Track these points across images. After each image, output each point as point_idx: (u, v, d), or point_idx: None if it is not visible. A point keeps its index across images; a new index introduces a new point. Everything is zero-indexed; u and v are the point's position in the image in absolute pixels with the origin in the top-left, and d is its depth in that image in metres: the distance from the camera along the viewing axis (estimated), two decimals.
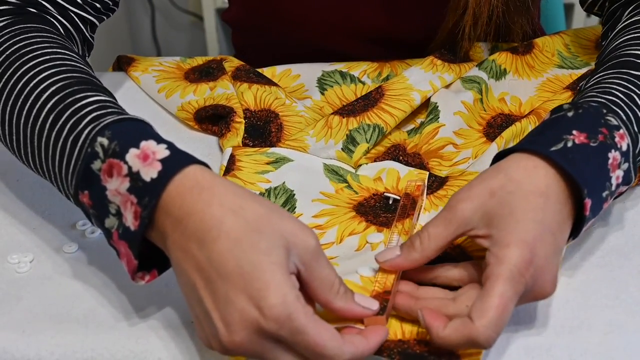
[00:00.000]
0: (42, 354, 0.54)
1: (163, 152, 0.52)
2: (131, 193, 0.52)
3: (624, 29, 0.72)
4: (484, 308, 0.49)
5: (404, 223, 0.62)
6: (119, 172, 0.52)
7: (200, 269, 0.49)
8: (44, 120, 0.58)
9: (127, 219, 0.52)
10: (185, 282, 0.51)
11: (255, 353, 0.49)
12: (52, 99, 0.59)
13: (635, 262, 0.60)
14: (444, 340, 0.50)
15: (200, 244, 0.49)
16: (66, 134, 0.56)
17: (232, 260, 0.48)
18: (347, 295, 0.52)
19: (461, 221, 0.54)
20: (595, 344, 0.53)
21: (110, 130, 0.54)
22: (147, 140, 0.53)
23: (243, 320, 0.47)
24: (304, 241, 0.50)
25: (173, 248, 0.51)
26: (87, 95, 0.58)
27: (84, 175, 0.54)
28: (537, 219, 0.52)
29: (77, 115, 0.57)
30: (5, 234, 0.65)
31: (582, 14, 1.88)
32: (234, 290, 0.48)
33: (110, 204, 0.53)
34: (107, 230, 0.54)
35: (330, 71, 0.85)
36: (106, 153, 0.53)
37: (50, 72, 0.60)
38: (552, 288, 0.53)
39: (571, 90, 0.77)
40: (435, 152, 0.73)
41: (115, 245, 0.54)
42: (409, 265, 0.55)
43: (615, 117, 0.58)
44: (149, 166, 0.51)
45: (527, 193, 0.53)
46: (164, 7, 2.17)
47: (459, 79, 0.82)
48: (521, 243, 0.51)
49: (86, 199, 0.54)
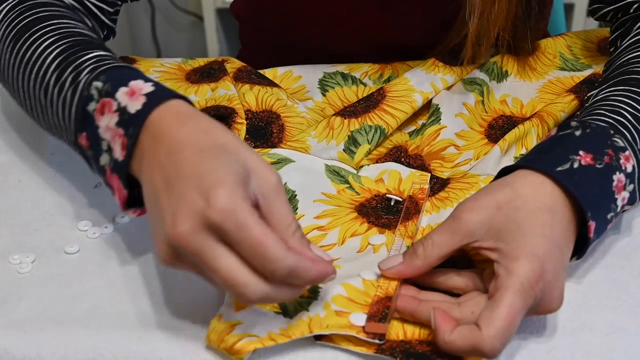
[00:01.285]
0: (43, 354, 0.54)
1: (148, 88, 0.56)
2: (119, 126, 0.55)
3: (635, 43, 0.72)
4: (493, 317, 0.49)
5: (407, 226, 0.62)
6: (110, 108, 0.56)
7: (163, 173, 0.51)
8: (48, 80, 0.63)
9: (115, 151, 0.56)
10: (149, 190, 0.52)
11: (196, 251, 0.48)
12: (55, 60, 0.63)
13: (637, 263, 0.60)
14: (448, 345, 0.50)
15: (168, 153, 0.52)
16: (67, 87, 0.61)
17: (193, 164, 0.50)
18: (302, 240, 0.51)
19: (466, 232, 0.54)
20: (596, 345, 0.53)
21: (105, 75, 0.59)
22: (135, 80, 0.57)
23: (190, 211, 0.48)
24: (266, 174, 0.51)
25: (145, 164, 0.53)
26: (87, 53, 0.63)
27: (82, 118, 0.58)
28: (546, 234, 0.53)
29: (77, 70, 0.61)
30: (6, 234, 0.65)
31: (582, 14, 1.88)
32: (187, 187, 0.49)
33: (102, 142, 0.57)
34: (102, 168, 0.57)
35: (331, 72, 0.85)
36: (100, 94, 0.58)
37: (55, 39, 0.65)
38: (559, 303, 0.53)
39: (573, 93, 0.77)
40: (436, 153, 0.73)
41: (109, 182, 0.57)
42: (411, 273, 0.55)
43: (621, 139, 0.59)
44: (135, 100, 0.55)
45: (534, 209, 0.54)
46: (164, 7, 2.17)
47: (460, 80, 0.82)
48: (532, 257, 0.52)
49: (84, 140, 0.59)
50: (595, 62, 0.86)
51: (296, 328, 0.53)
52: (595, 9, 0.82)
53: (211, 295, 0.58)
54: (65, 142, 0.64)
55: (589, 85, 0.78)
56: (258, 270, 0.49)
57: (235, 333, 0.52)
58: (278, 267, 0.48)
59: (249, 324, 0.53)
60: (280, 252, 0.48)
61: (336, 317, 0.54)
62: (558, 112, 0.74)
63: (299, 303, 0.55)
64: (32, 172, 0.72)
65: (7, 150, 0.76)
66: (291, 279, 0.49)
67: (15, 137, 0.78)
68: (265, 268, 0.48)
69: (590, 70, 0.84)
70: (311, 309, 0.55)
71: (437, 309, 0.52)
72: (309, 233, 0.64)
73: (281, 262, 0.48)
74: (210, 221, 0.48)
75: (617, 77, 0.67)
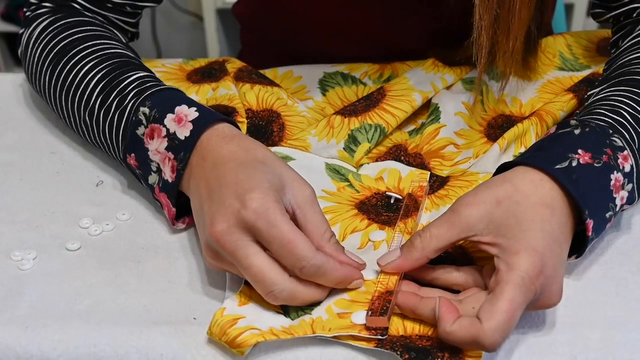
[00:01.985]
0: (44, 350, 0.54)
1: (193, 114, 0.62)
2: (169, 151, 0.62)
3: (636, 44, 0.73)
4: (493, 311, 0.50)
5: (407, 223, 0.63)
6: (159, 134, 0.63)
7: (207, 184, 0.57)
8: (93, 104, 0.69)
9: (165, 173, 0.62)
10: (196, 201, 0.59)
11: (231, 248, 0.53)
12: (98, 84, 0.69)
13: (635, 260, 0.61)
14: (449, 336, 0.50)
15: (212, 167, 0.58)
16: (113, 111, 0.67)
17: (232, 174, 0.56)
18: (337, 246, 0.56)
19: (465, 226, 0.54)
20: (595, 341, 0.53)
21: (150, 101, 0.64)
22: (180, 106, 0.63)
23: (227, 213, 0.54)
24: (301, 187, 0.57)
25: (193, 179, 0.60)
26: (128, 76, 0.68)
27: (131, 140, 0.65)
28: (545, 229, 0.53)
29: (121, 94, 0.67)
30: (8, 231, 0.65)
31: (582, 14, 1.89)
32: (226, 193, 0.55)
33: (151, 163, 0.64)
34: (151, 186, 0.64)
35: (331, 72, 0.85)
36: (148, 120, 0.64)
37: (95, 62, 0.71)
38: (558, 298, 0.53)
39: (572, 93, 0.78)
40: (436, 152, 0.74)
41: (157, 198, 0.64)
42: (410, 266, 0.56)
43: (620, 138, 0.59)
44: (183, 127, 0.62)
45: (533, 204, 0.54)
46: (164, 7, 2.17)
47: (459, 80, 0.82)
48: (532, 251, 0.52)
49: (133, 160, 0.65)
50: (595, 63, 0.87)
51: (299, 327, 0.53)
52: (597, 13, 0.82)
53: (212, 292, 0.58)
54: (112, 157, 0.70)
55: (588, 84, 0.79)
56: (288, 269, 0.53)
57: (237, 326, 0.52)
58: (306, 264, 0.53)
59: (251, 318, 0.53)
60: (309, 250, 0.53)
61: (338, 320, 0.54)
62: (557, 111, 0.75)
63: (300, 308, 0.56)
64: (33, 170, 0.73)
65: (9, 148, 0.76)
66: (318, 277, 0.54)
67: (17, 135, 0.78)
68: (295, 265, 0.53)
69: (589, 71, 0.85)
70: (314, 313, 0.55)
71: (443, 299, 0.52)
72: None
73: (309, 260, 0.53)
74: (244, 221, 0.53)
75: (617, 77, 0.68)
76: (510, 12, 0.69)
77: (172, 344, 0.54)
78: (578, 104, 0.77)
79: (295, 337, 0.53)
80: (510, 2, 0.68)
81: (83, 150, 0.76)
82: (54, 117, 0.81)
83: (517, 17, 0.69)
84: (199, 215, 0.58)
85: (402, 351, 0.51)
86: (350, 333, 0.53)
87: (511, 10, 0.69)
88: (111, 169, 0.73)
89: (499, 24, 0.69)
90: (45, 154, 0.75)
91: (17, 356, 0.54)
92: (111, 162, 0.74)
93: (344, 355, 0.53)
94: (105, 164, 0.74)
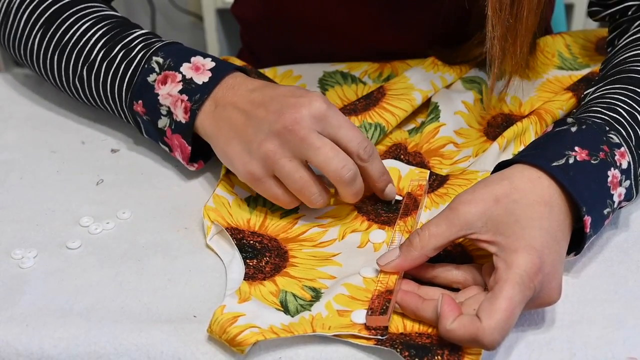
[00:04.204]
0: (45, 347, 0.54)
1: (210, 64, 0.67)
2: (182, 93, 0.66)
3: (631, 43, 0.73)
4: (493, 309, 0.50)
5: (407, 222, 0.63)
6: (173, 79, 0.67)
7: (250, 101, 0.63)
8: (94, 58, 0.71)
9: (177, 115, 0.66)
10: (227, 129, 0.63)
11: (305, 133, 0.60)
12: (100, 40, 0.72)
13: (635, 257, 0.61)
14: (449, 334, 0.50)
15: (251, 91, 0.64)
16: (118, 62, 0.70)
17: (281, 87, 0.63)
18: None
19: (464, 223, 0.54)
20: (594, 338, 0.54)
21: (163, 52, 0.68)
22: (195, 56, 0.68)
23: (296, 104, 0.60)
24: None
25: (218, 111, 0.64)
26: (131, 32, 0.72)
27: (140, 87, 0.68)
28: (544, 226, 0.53)
29: (127, 47, 0.70)
30: (9, 230, 0.65)
31: (582, 14, 1.89)
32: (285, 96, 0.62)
33: (161, 107, 0.67)
34: (161, 130, 0.68)
35: (331, 71, 0.86)
36: (162, 68, 0.68)
37: (93, 22, 0.73)
38: (558, 296, 0.53)
39: (571, 92, 0.78)
40: (436, 150, 0.74)
41: (168, 142, 0.68)
42: (409, 265, 0.56)
43: (617, 135, 0.59)
44: (201, 74, 0.66)
45: (532, 202, 0.54)
46: (164, 7, 2.17)
47: (459, 79, 0.82)
48: (530, 249, 0.52)
49: (140, 107, 0.68)
50: (593, 62, 0.87)
51: (299, 325, 0.53)
52: (594, 11, 0.82)
53: (211, 290, 0.58)
54: (106, 110, 0.74)
55: (587, 83, 0.79)
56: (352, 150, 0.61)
57: (237, 324, 0.52)
58: (368, 143, 0.62)
59: (251, 315, 0.53)
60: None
61: (338, 318, 0.54)
62: (556, 110, 0.75)
63: (300, 305, 0.56)
64: (34, 169, 0.73)
65: (10, 147, 0.76)
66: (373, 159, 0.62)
67: (17, 135, 0.78)
68: (360, 144, 0.61)
69: (588, 70, 0.85)
70: (313, 309, 0.55)
71: (446, 296, 0.52)
72: (310, 229, 0.64)
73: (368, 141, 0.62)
74: (317, 109, 0.60)
75: (613, 76, 0.68)
76: (519, 21, 0.69)
77: (172, 342, 0.54)
78: (577, 103, 0.77)
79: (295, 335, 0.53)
80: (521, 11, 0.68)
81: (83, 149, 0.76)
82: (54, 116, 0.81)
83: (525, 25, 0.69)
84: (237, 136, 0.62)
85: (401, 348, 0.51)
86: (350, 332, 0.53)
87: (520, 18, 0.69)
88: (111, 168, 0.73)
89: (510, 33, 0.69)
90: (45, 153, 0.75)
91: (17, 354, 0.54)
92: (112, 161, 0.74)
93: (344, 353, 0.53)
94: (105, 163, 0.74)
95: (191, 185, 0.70)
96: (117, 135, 0.77)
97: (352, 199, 0.63)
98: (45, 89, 0.85)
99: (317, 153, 0.60)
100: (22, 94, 0.86)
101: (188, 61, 0.67)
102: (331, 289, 0.57)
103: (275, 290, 0.57)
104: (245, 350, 0.52)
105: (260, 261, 0.60)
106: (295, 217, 0.65)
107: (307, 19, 0.91)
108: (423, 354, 0.50)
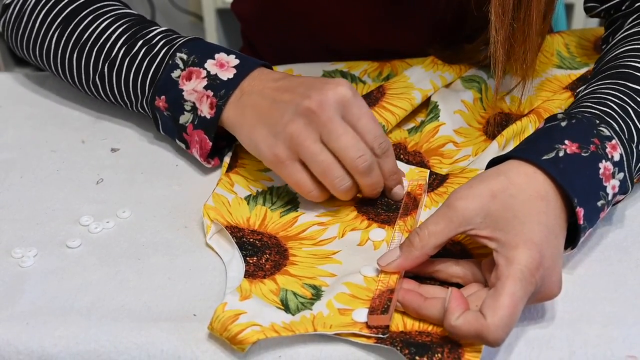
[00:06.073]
0: (45, 346, 0.54)
1: (234, 61, 0.68)
2: (207, 89, 0.67)
3: (624, 39, 0.73)
4: (496, 306, 0.50)
5: (406, 221, 0.63)
6: (198, 75, 0.68)
7: (276, 87, 0.65)
8: (115, 55, 0.72)
9: (202, 110, 0.67)
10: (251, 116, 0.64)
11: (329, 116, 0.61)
12: (121, 37, 0.73)
13: (634, 256, 0.61)
14: (454, 329, 0.50)
15: (276, 80, 0.66)
16: (141, 58, 0.71)
17: (298, 81, 0.64)
18: None
19: (462, 220, 0.54)
20: (594, 336, 0.54)
21: (186, 48, 0.69)
22: (219, 53, 0.69)
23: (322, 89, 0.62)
24: None
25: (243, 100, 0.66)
26: (152, 29, 0.73)
27: (163, 83, 0.69)
28: (542, 221, 0.53)
29: (149, 43, 0.71)
30: (9, 229, 0.65)
31: (582, 14, 1.89)
32: (312, 82, 0.63)
33: (185, 103, 0.68)
34: (181, 126, 0.69)
35: (331, 71, 0.86)
36: (186, 64, 0.68)
37: (112, 19, 0.74)
38: (558, 289, 0.54)
39: (570, 90, 0.78)
40: (435, 150, 0.74)
41: (187, 138, 0.69)
42: (410, 265, 0.56)
43: (607, 128, 0.59)
44: (226, 71, 0.67)
45: (529, 197, 0.54)
46: (164, 7, 2.17)
47: (459, 78, 0.82)
48: (530, 244, 0.52)
49: (162, 102, 0.69)
50: (592, 61, 0.87)
51: (300, 324, 0.54)
52: (590, 7, 0.83)
53: (211, 289, 0.58)
54: (125, 107, 0.75)
55: (585, 82, 0.79)
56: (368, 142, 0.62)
57: (239, 322, 0.52)
58: (384, 136, 0.63)
59: (253, 313, 0.53)
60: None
61: (339, 317, 0.54)
62: (555, 109, 0.75)
63: (301, 303, 0.56)
64: (34, 168, 0.73)
65: (10, 146, 0.76)
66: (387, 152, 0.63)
67: (18, 134, 0.79)
68: (377, 134, 0.62)
69: (586, 69, 0.85)
70: (314, 308, 0.55)
71: (455, 290, 0.52)
72: (309, 228, 0.64)
73: (384, 134, 0.63)
74: (341, 94, 0.61)
75: (605, 72, 0.68)
76: (526, 24, 0.69)
77: (172, 340, 0.54)
78: None
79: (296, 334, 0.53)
80: (524, 14, 0.68)
81: (83, 148, 0.76)
82: (54, 116, 0.81)
83: (530, 29, 0.69)
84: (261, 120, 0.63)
85: (402, 346, 0.51)
86: (351, 331, 0.53)
87: (526, 22, 0.69)
88: (111, 167, 0.73)
89: (514, 36, 0.69)
90: (45, 152, 0.75)
91: (18, 352, 0.54)
92: (111, 160, 0.74)
93: (344, 352, 0.53)
94: (105, 162, 0.74)
95: (191, 185, 0.70)
96: (117, 135, 0.78)
97: (369, 191, 0.64)
98: (45, 89, 0.85)
99: (338, 139, 0.60)
100: (22, 94, 0.86)
101: (212, 58, 0.68)
102: (332, 287, 0.57)
103: (275, 289, 0.57)
104: (245, 349, 0.52)
105: (260, 259, 0.60)
106: (295, 215, 0.65)
107: (306, 14, 0.91)
108: (423, 352, 0.51)
